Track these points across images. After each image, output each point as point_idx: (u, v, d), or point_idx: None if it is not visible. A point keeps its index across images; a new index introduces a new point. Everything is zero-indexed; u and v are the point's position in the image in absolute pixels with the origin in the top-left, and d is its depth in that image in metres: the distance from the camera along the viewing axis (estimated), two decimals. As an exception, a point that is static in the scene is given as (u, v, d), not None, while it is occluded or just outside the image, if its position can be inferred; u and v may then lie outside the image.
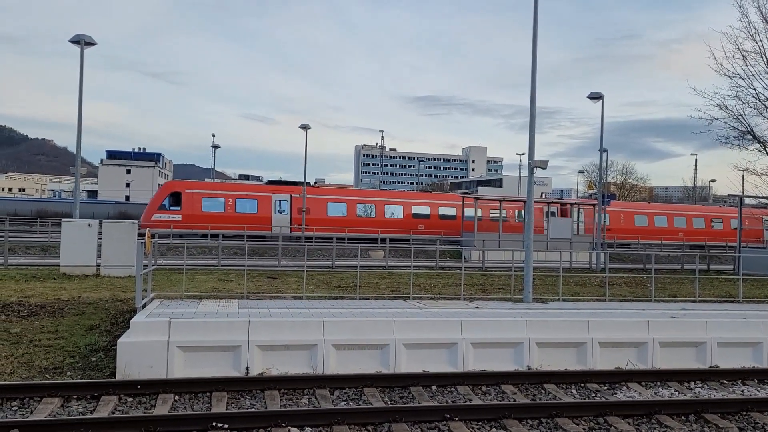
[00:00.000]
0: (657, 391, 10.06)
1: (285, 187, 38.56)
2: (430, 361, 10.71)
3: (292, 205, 37.18)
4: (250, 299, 13.31)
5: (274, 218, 36.53)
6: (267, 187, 39.05)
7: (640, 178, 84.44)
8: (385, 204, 39.38)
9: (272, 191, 37.68)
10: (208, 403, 8.56)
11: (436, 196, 47.20)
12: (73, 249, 17.97)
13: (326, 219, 37.29)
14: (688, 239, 43.76)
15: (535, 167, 14.54)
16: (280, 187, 38.64)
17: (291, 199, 37.22)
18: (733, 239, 43.14)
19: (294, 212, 37.06)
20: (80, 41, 21.21)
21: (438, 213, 40.37)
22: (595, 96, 28.64)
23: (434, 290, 16.68)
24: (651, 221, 45.62)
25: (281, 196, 37.32)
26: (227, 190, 38.82)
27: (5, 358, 9.77)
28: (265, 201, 36.87)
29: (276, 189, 38.15)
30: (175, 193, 35.66)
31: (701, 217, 47.83)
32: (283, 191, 37.70)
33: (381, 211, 38.85)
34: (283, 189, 38.06)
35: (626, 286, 19.70)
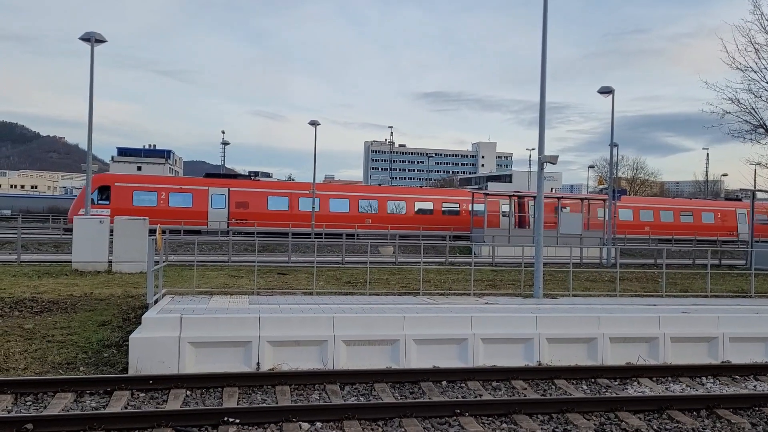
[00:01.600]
0: (668, 387, 10.01)
1: (222, 181, 37.63)
2: (440, 357, 10.71)
3: (229, 199, 36.09)
4: (261, 295, 13.36)
5: (210, 212, 35.46)
6: (203, 181, 37.78)
7: (651, 173, 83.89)
8: (330, 198, 38.24)
9: (209, 185, 36.64)
10: (219, 398, 8.62)
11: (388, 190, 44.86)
12: (85, 246, 18.11)
13: (267, 213, 36.12)
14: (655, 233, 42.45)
15: (545, 162, 14.47)
16: (217, 181, 37.61)
17: (228, 192, 36.17)
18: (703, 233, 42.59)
19: (232, 206, 35.98)
20: (90, 38, 21.33)
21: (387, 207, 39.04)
22: (605, 90, 28.47)
23: (444, 286, 16.68)
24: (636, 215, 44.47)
25: (218, 190, 36.24)
26: (160, 183, 37.32)
27: (19, 354, 9.88)
28: (200, 195, 35.80)
29: (213, 182, 37.07)
30: (103, 186, 34.40)
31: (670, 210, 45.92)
32: (220, 185, 36.74)
33: (326, 206, 37.59)
34: (221, 182, 37.07)
35: (637, 282, 19.60)
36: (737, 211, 46.44)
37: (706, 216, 45.55)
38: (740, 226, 46.00)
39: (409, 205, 39.64)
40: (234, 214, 35.82)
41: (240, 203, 36.28)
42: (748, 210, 45.83)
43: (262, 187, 38.28)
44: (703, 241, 40.14)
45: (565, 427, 7.85)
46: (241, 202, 36.47)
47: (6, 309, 11.86)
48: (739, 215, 46.32)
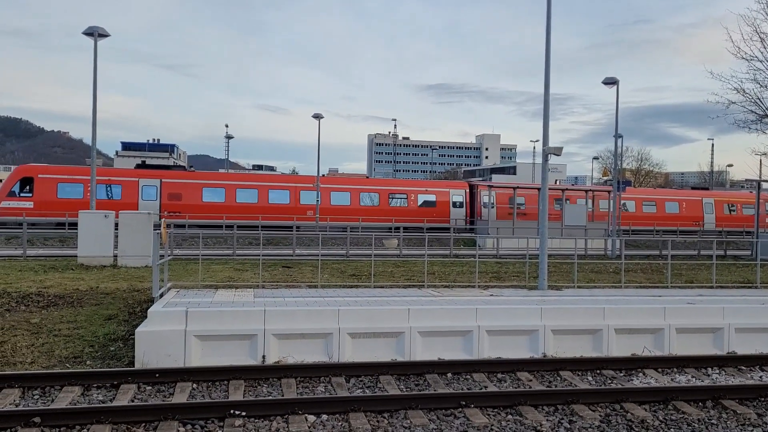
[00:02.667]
0: (674, 378, 10.01)
1: (154, 172, 36.22)
2: (445, 349, 10.73)
3: (161, 191, 34.79)
4: (266, 288, 13.39)
5: (140, 205, 33.89)
6: (134, 172, 36.39)
7: (656, 164, 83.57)
8: (269, 189, 36.71)
9: (139, 176, 35.33)
10: (225, 391, 8.65)
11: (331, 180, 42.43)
12: (91, 240, 18.15)
13: (202, 205, 34.87)
14: None
15: (549, 154, 14.43)
16: (148, 172, 36.19)
17: (160, 184, 34.85)
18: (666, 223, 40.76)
19: (164, 198, 34.72)
20: (94, 33, 21.30)
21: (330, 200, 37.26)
22: (609, 81, 28.32)
23: (449, 278, 16.67)
24: None
25: (149, 182, 34.87)
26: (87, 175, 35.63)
27: (26, 348, 9.93)
28: (130, 186, 34.50)
29: (144, 174, 35.74)
30: (26, 178, 32.96)
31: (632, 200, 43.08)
32: (151, 176, 35.36)
33: (265, 197, 36.23)
34: (152, 174, 35.77)
35: (642, 273, 19.56)
36: (703, 201, 44.79)
37: (669, 206, 43.81)
38: (707, 216, 44.23)
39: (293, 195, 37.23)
40: (166, 206, 34.42)
41: (173, 195, 34.94)
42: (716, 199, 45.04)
43: (196, 179, 36.89)
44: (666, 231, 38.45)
45: (570, 419, 7.86)
46: (174, 194, 35.07)
47: (12, 303, 11.91)
48: (706, 205, 44.62)
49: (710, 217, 44.38)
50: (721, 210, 45.06)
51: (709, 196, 46.00)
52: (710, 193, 47.75)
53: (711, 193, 47.94)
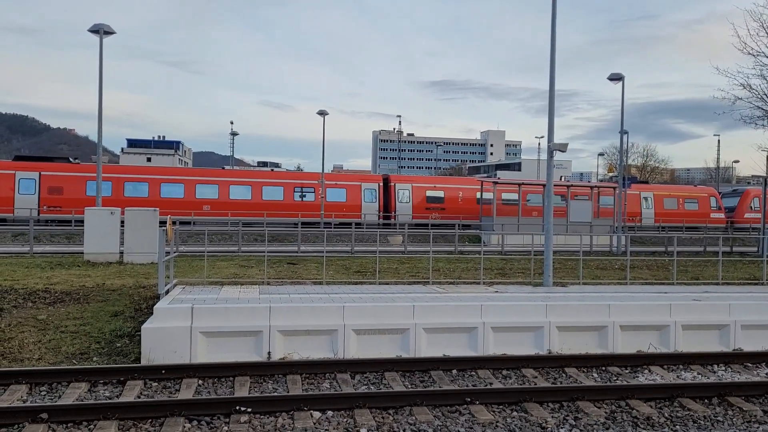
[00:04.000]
0: (679, 375, 9.99)
1: (32, 164, 34.15)
2: (450, 346, 10.74)
3: (40, 185, 32.99)
4: (271, 285, 13.42)
5: (17, 199, 32.58)
6: (9, 164, 34.60)
7: (662, 160, 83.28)
8: (161, 183, 35.04)
9: (16, 168, 33.59)
10: (231, 387, 8.68)
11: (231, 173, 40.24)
12: (97, 237, 18.22)
13: (85, 200, 31.95)
14: None
15: (554, 150, 14.39)
16: (26, 164, 34.27)
17: (39, 177, 33.10)
18: None
19: (43, 192, 33.00)
20: (99, 30, 21.33)
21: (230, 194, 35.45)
22: (615, 77, 28.20)
23: (453, 275, 16.67)
24: None
25: (26, 174, 33.06)
26: None
27: (33, 344, 9.99)
28: (5, 179, 32.70)
29: (21, 166, 33.93)
30: None
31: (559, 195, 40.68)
32: (29, 168, 33.41)
33: (156, 191, 34.52)
34: (30, 166, 33.78)
35: (648, 269, 19.51)
36: (641, 195, 42.79)
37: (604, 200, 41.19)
38: (644, 211, 42.32)
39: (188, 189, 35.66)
40: (45, 201, 32.79)
41: (53, 189, 33.13)
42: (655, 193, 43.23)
43: (79, 171, 34.70)
44: None
45: (575, 416, 7.85)
46: (55, 188, 33.22)
47: (20, 300, 11.98)
48: (643, 199, 42.74)
49: (648, 212, 42.67)
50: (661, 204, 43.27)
51: (648, 190, 44.19)
52: (649, 187, 45.63)
53: (650, 187, 46.04)
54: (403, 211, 37.31)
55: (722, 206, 44.80)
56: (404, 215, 37.16)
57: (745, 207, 44.51)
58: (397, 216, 37.14)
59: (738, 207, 45.05)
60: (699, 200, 44.39)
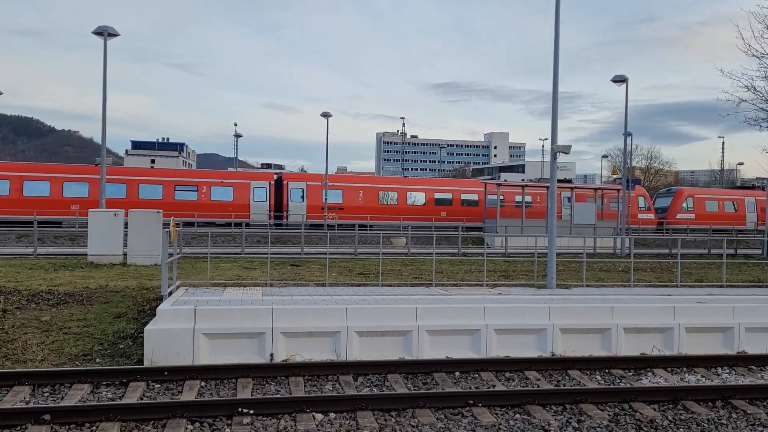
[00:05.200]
0: (683, 377, 9.95)
1: None
2: (453, 348, 10.72)
3: None
4: (274, 287, 13.42)
5: None
6: None
7: (666, 162, 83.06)
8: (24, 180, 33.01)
9: None
10: (233, 389, 8.68)
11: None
12: (100, 238, 18.25)
13: None
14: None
15: (558, 152, 14.37)
16: None
17: None
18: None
19: None
20: (103, 32, 21.39)
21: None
22: (619, 79, 28.17)
23: (457, 277, 16.65)
24: None
25: None
26: None
27: (36, 346, 10.00)
28: None
29: None
30: None
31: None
32: None
33: (19, 189, 32.49)
34: None
35: (651, 272, 19.45)
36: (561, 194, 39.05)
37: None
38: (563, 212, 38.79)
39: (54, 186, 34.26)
40: None
41: None
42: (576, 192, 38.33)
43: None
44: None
45: (578, 418, 7.83)
46: None
47: (23, 301, 12.00)
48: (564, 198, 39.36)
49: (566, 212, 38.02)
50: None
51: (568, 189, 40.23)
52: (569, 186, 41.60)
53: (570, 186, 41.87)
54: (297, 211, 35.46)
55: (652, 206, 42.26)
56: (298, 215, 35.34)
57: (678, 207, 42.19)
58: (290, 216, 35.51)
59: (670, 207, 42.67)
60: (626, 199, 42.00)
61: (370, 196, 37.65)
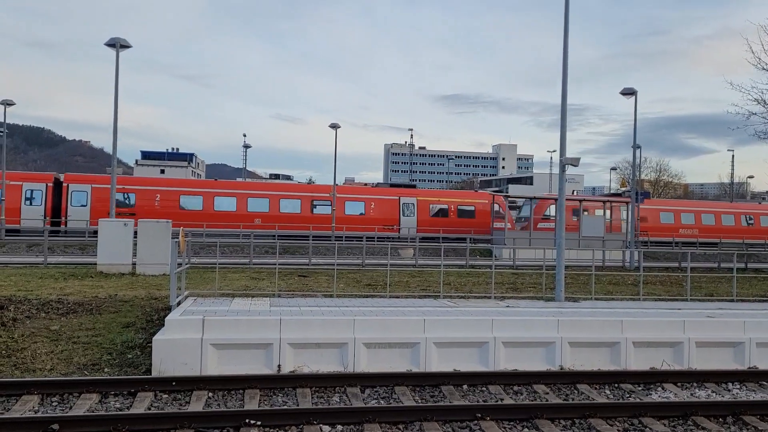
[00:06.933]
0: (693, 392, 9.86)
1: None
2: (460, 360, 10.68)
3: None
4: (282, 297, 13.43)
5: None
6: None
7: (675, 175, 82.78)
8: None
9: None
10: (241, 400, 8.67)
11: None
12: (110, 248, 18.35)
13: None
14: None
15: (566, 165, 14.36)
16: None
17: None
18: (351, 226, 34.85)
19: None
20: (115, 44, 21.63)
21: None
22: (628, 92, 28.17)
23: (464, 289, 16.61)
24: None
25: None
26: None
27: (45, 355, 10.05)
28: None
29: None
30: None
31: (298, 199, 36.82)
32: None
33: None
34: None
35: (661, 285, 19.33)
36: (401, 200, 37.97)
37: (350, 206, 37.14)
38: (403, 219, 37.51)
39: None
40: None
41: None
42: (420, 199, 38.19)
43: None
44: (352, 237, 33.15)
45: (587, 433, 7.76)
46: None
47: (33, 310, 12.06)
48: (404, 205, 37.91)
49: (408, 220, 37.73)
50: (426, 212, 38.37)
51: (411, 195, 38.93)
52: (414, 192, 40.30)
53: (415, 192, 40.48)
54: (79, 216, 32.34)
55: (508, 215, 39.22)
56: (79, 221, 32.20)
57: (539, 217, 39.33)
58: (69, 222, 32.43)
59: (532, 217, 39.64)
60: (477, 208, 39.15)
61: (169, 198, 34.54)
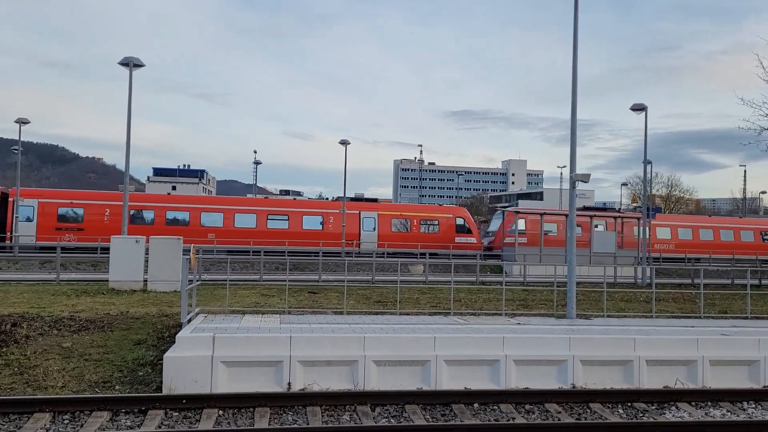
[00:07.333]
0: (708, 412, 9.73)
1: None
2: (471, 378, 10.61)
3: None
4: (292, 314, 13.43)
5: None
6: None
7: (686, 190, 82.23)
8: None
9: None
10: (251, 418, 8.66)
11: None
12: (122, 265, 18.45)
13: None
14: None
15: (576, 181, 14.33)
16: None
17: None
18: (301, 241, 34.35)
19: None
20: (129, 63, 21.93)
21: None
22: (638, 107, 28.14)
23: (475, 305, 16.53)
24: None
25: None
26: None
27: (57, 372, 10.09)
28: None
29: None
30: None
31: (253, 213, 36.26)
32: None
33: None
34: None
35: (674, 302, 19.15)
36: (361, 215, 37.26)
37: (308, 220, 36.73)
38: (364, 234, 36.91)
39: None
40: None
41: None
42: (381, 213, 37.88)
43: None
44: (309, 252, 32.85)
45: (600, 453, 7.67)
46: None
47: (45, 327, 12.13)
48: (364, 219, 37.25)
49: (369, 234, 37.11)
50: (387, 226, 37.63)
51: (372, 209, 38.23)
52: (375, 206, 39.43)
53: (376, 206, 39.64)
54: (24, 232, 31.58)
55: (473, 229, 39.20)
56: (26, 237, 31.51)
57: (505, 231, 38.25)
58: (15, 238, 31.47)
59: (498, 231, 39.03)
60: (440, 222, 38.42)
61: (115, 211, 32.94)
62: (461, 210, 42.24)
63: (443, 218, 38.84)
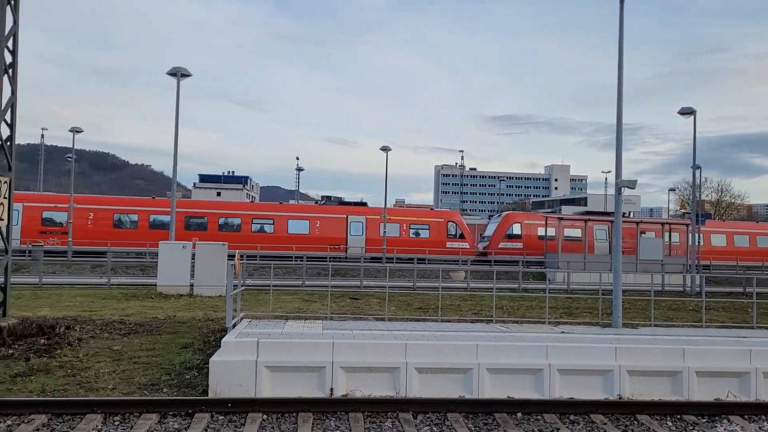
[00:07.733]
0: (762, 426, 9.38)
1: None
2: (514, 387, 10.48)
3: None
4: (334, 320, 13.54)
5: None
6: None
7: (737, 196, 79.61)
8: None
9: None
10: (294, 423, 8.75)
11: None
12: (169, 270, 18.95)
13: None
14: None
15: (622, 187, 14.04)
16: None
17: None
18: None
19: None
20: (177, 73, 22.54)
21: None
22: (686, 111, 27.44)
23: (518, 313, 16.36)
24: None
25: None
26: None
27: (107, 374, 10.41)
28: None
29: None
30: None
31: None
32: None
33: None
34: None
35: (724, 312, 18.56)
36: (348, 219, 37.32)
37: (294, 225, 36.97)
38: (351, 238, 36.83)
39: None
40: None
41: None
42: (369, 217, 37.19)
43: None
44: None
45: (648, 466, 7.48)
46: None
47: (97, 330, 12.54)
48: (351, 224, 37.26)
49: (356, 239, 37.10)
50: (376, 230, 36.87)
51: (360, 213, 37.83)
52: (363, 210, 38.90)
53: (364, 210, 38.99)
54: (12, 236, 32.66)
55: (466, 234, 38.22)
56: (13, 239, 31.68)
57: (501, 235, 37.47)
58: None
59: (493, 235, 38.07)
60: (431, 226, 38.02)
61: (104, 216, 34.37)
62: (453, 214, 41.72)
63: (434, 222, 38.59)
